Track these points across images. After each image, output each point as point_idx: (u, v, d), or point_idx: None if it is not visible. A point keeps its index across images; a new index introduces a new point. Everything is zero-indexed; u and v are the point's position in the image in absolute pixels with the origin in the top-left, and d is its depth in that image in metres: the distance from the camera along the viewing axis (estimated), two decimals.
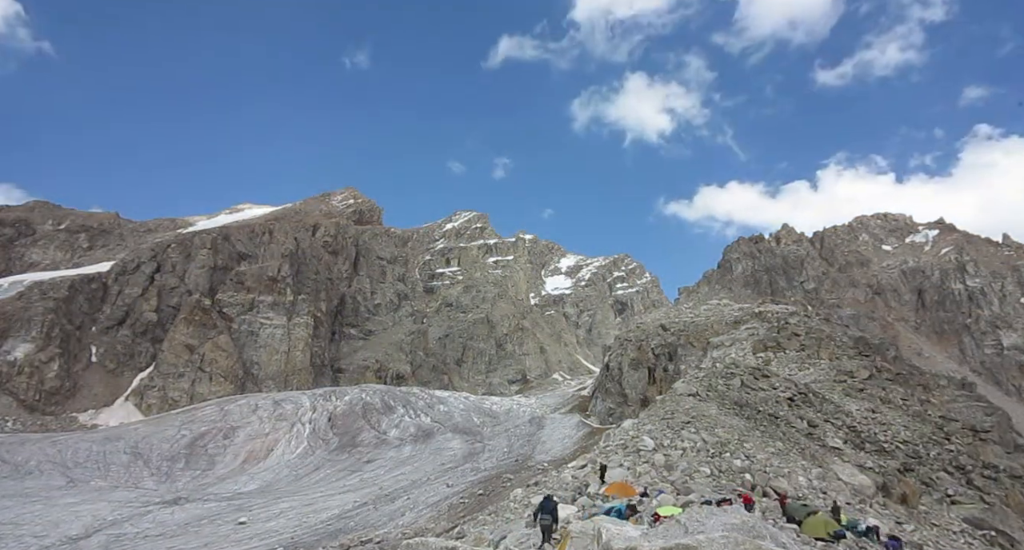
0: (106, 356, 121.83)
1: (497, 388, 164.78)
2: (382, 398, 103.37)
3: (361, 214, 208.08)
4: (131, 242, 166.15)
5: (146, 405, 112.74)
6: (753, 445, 32.63)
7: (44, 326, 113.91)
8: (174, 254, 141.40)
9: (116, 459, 78.99)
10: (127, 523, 55.38)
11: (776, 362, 67.82)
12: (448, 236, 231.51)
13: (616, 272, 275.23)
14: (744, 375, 50.49)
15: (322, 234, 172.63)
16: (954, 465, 42.43)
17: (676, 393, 44.13)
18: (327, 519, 55.64)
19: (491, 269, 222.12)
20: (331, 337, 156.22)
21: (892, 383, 61.04)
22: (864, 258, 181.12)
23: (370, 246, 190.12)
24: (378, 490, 66.17)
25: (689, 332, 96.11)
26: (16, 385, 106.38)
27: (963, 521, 33.81)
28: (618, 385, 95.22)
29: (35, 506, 59.17)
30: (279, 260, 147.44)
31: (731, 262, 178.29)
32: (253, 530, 53.15)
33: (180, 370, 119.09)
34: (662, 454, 29.43)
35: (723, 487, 24.98)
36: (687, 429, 33.50)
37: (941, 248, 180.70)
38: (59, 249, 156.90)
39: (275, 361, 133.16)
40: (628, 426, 36.67)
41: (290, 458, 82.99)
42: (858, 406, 51.28)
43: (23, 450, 78.35)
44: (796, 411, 44.71)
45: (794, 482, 28.21)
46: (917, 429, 48.49)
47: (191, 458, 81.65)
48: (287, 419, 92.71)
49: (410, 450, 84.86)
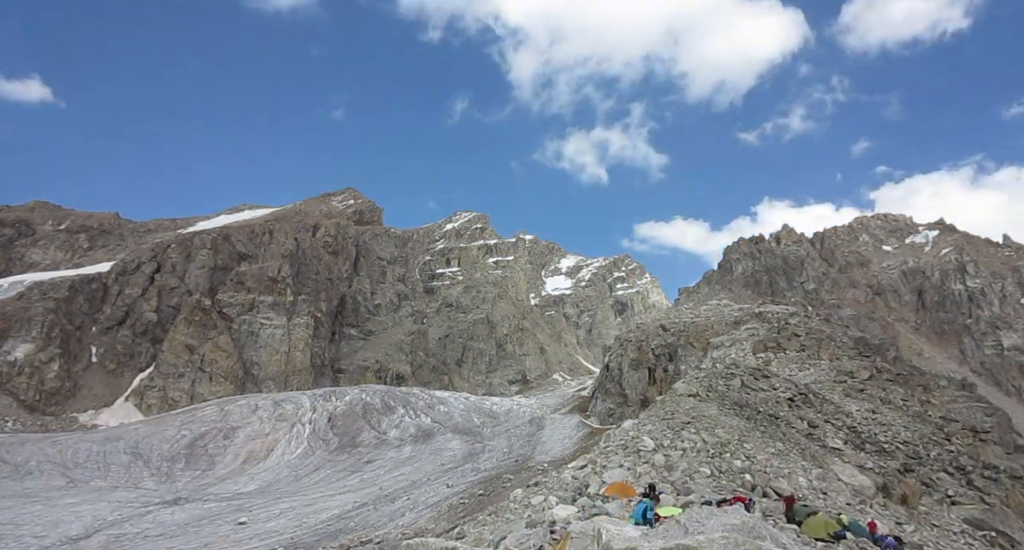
0: (106, 356, 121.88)
1: (497, 388, 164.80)
2: (382, 398, 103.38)
3: (361, 214, 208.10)
4: (131, 242, 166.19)
5: (146, 405, 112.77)
6: (753, 446, 32.64)
7: (44, 326, 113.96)
8: (174, 254, 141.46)
9: (116, 459, 79.01)
10: (127, 523, 55.39)
11: (776, 362, 67.80)
12: (448, 236, 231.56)
13: (616, 272, 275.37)
14: (744, 375, 50.48)
15: (322, 234, 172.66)
16: (954, 466, 42.42)
17: (676, 393, 44.10)
18: (327, 519, 55.65)
19: (491, 269, 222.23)
20: (331, 337, 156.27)
21: (892, 384, 61.03)
22: (864, 259, 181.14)
23: (370, 246, 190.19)
24: (378, 490, 66.17)
25: (689, 332, 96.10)
26: (16, 385, 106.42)
27: (963, 522, 33.80)
28: (618, 385, 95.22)
29: (35, 506, 59.17)
30: (279, 260, 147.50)
31: (731, 262, 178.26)
32: (253, 530, 53.16)
33: (180, 370, 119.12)
34: (662, 454, 29.41)
35: (723, 488, 24.98)
36: (687, 429, 33.49)
37: (941, 249, 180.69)
38: (59, 249, 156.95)
39: (275, 361, 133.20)
40: (628, 426, 36.66)
41: (290, 458, 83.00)
42: (858, 407, 51.27)
43: (23, 450, 78.38)
44: (796, 412, 44.70)
45: (794, 483, 28.20)
46: (917, 430, 48.49)
47: (191, 458, 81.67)
48: (287, 419, 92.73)
49: (410, 450, 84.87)
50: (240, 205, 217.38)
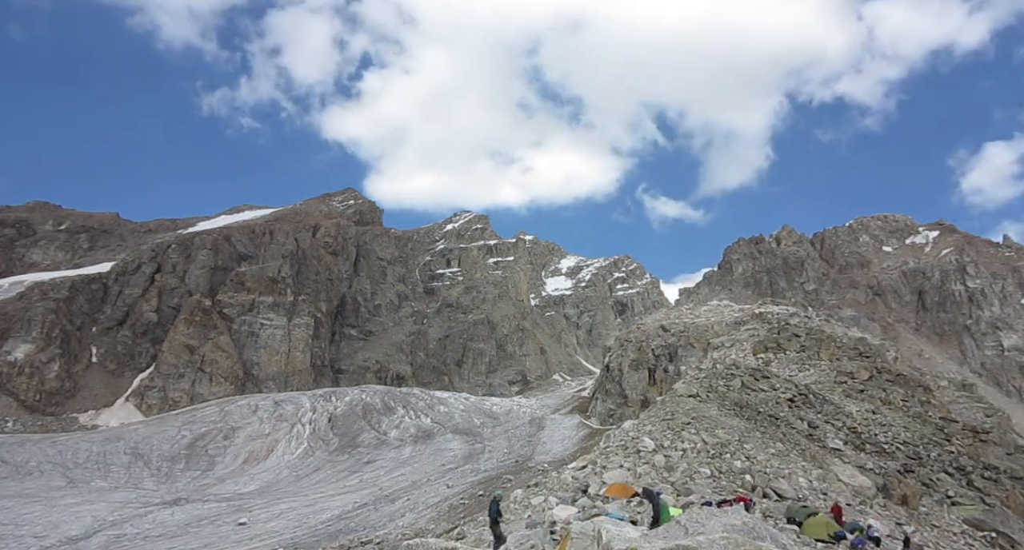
0: (106, 357, 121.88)
1: (497, 389, 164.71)
2: (382, 399, 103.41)
3: (361, 215, 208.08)
4: (131, 243, 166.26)
5: (146, 406, 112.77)
6: (753, 446, 32.66)
7: (44, 326, 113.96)
8: (174, 255, 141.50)
9: (116, 460, 79.06)
10: (127, 524, 55.43)
11: (776, 363, 67.78)
12: (448, 237, 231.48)
13: (616, 273, 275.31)
14: (744, 376, 50.51)
15: (322, 235, 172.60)
16: (954, 466, 42.41)
17: (676, 394, 44.11)
18: (327, 520, 55.67)
19: (491, 270, 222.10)
20: (331, 338, 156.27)
21: (892, 384, 61.00)
22: (864, 259, 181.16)
23: (371, 247, 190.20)
24: (378, 491, 66.18)
25: (689, 333, 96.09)
26: (16, 385, 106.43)
27: (963, 522, 33.78)
28: (618, 386, 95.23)
29: (35, 507, 59.21)
30: (279, 261, 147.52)
31: (731, 263, 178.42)
32: (253, 531, 53.19)
33: (180, 371, 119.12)
34: (662, 455, 29.43)
35: (723, 488, 25.00)
36: (687, 430, 33.51)
37: (941, 249, 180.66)
38: (59, 249, 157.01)
39: (275, 362, 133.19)
40: (628, 427, 36.67)
41: (290, 459, 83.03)
42: (858, 407, 51.27)
43: (23, 451, 78.43)
44: (796, 412, 44.72)
45: (794, 483, 28.22)
46: (917, 430, 48.48)
47: (191, 459, 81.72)
48: (287, 420, 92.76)
49: (410, 451, 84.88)
50: (240, 205, 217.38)
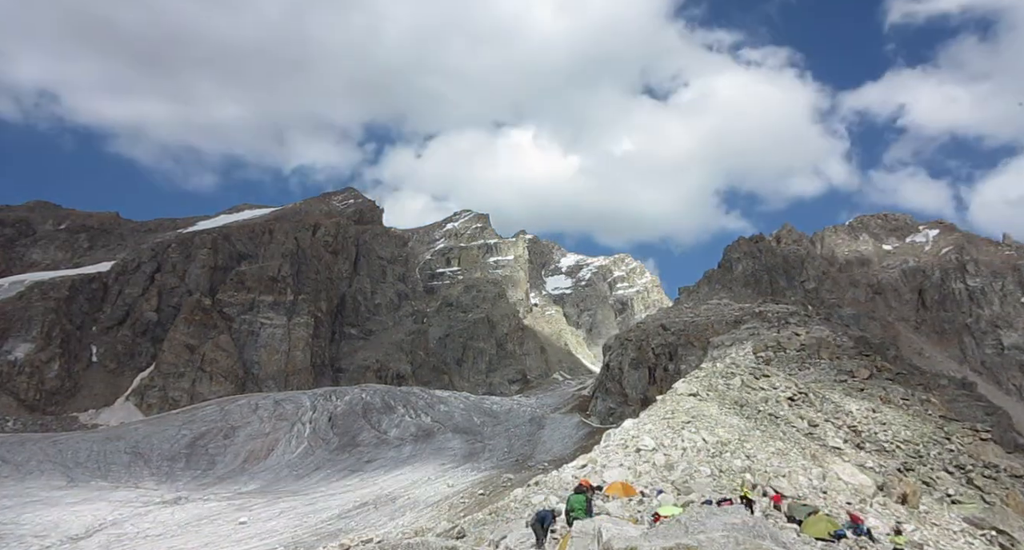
0: (106, 356, 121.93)
1: (497, 388, 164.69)
2: (382, 398, 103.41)
3: (361, 214, 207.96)
4: (131, 242, 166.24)
5: (146, 405, 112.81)
6: (753, 445, 32.66)
7: (44, 326, 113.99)
8: (174, 254, 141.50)
9: (117, 459, 79.08)
10: (128, 523, 55.46)
11: (776, 362, 67.80)
12: (448, 236, 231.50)
13: (616, 272, 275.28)
14: (744, 375, 50.52)
15: (322, 234, 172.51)
16: (954, 465, 42.41)
17: (676, 393, 44.11)
18: (327, 519, 55.71)
19: (491, 269, 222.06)
20: (331, 337, 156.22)
21: (892, 383, 61.02)
22: (864, 258, 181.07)
23: (370, 246, 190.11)
24: (378, 490, 66.22)
25: (689, 332, 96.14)
26: (17, 385, 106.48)
27: (963, 521, 33.78)
28: (618, 385, 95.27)
29: (36, 506, 59.24)
30: (279, 260, 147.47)
31: (731, 262, 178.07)
32: (253, 530, 53.23)
33: (180, 370, 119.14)
34: (662, 454, 29.44)
35: (723, 487, 25.01)
36: (687, 429, 33.50)
37: (941, 248, 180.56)
38: (59, 249, 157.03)
39: (275, 361, 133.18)
40: (628, 426, 36.66)
41: (290, 458, 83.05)
42: (858, 406, 51.26)
43: (24, 450, 78.45)
44: (796, 411, 44.73)
45: (794, 482, 28.22)
46: (917, 429, 48.48)
47: (191, 458, 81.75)
48: (287, 419, 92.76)
49: (410, 450, 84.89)
50: (240, 205, 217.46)
